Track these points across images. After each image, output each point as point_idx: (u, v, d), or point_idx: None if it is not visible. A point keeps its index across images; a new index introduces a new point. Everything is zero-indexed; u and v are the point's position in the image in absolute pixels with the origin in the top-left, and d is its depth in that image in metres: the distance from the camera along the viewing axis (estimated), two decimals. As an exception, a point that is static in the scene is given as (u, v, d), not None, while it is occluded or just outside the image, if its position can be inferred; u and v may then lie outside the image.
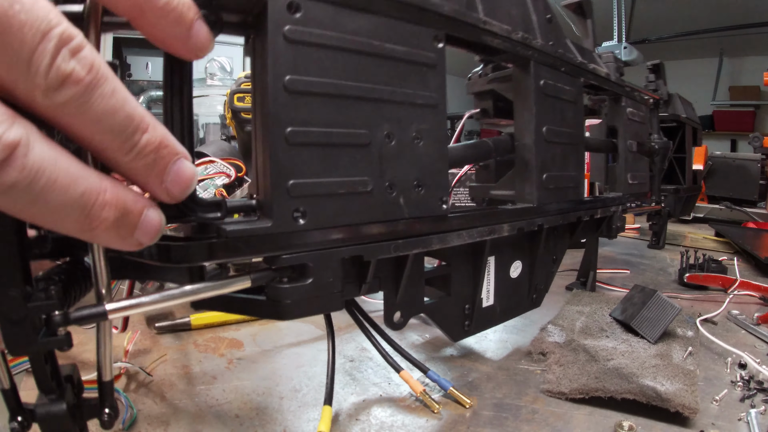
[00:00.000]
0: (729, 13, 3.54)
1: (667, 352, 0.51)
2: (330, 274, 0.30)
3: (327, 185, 0.29)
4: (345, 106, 0.30)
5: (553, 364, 0.50)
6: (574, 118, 0.54)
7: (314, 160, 0.29)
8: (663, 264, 1.03)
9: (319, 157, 0.29)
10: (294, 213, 0.28)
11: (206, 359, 0.51)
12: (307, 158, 0.28)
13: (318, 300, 0.30)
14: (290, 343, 0.56)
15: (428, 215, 0.36)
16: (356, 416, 0.42)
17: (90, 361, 0.49)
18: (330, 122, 0.30)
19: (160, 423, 0.40)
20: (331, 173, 0.30)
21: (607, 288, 0.81)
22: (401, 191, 0.34)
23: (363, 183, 0.32)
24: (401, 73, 0.33)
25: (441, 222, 0.38)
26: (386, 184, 0.33)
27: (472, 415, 0.43)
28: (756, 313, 0.67)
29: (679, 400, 0.41)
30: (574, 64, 0.53)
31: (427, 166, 0.36)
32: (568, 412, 0.43)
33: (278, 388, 0.46)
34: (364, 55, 0.31)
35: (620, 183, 0.71)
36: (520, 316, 0.56)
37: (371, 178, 0.32)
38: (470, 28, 0.39)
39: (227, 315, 0.61)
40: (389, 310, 0.38)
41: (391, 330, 0.40)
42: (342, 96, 0.30)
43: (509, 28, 0.43)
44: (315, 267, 0.30)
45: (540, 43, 0.47)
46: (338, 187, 0.30)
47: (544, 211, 0.50)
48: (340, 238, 0.31)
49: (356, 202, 0.31)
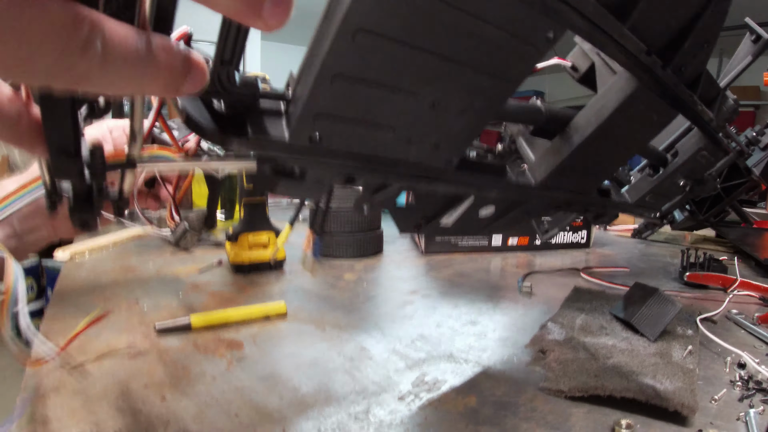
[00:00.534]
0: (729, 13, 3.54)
1: (666, 350, 0.51)
2: (324, 177, 0.34)
3: (353, 122, 0.28)
4: (409, 60, 0.27)
5: (552, 362, 0.50)
6: (640, 131, 0.50)
7: (352, 98, 0.27)
8: (663, 262, 1.03)
9: (358, 98, 0.27)
10: (311, 135, 0.28)
11: (206, 360, 0.52)
12: (346, 94, 0.27)
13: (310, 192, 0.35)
14: (290, 344, 0.56)
15: (430, 165, 0.35)
16: (355, 415, 0.42)
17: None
18: (386, 71, 0.27)
19: (161, 423, 0.40)
20: (362, 113, 0.28)
21: (607, 286, 0.81)
22: (418, 146, 0.33)
23: (388, 129, 0.30)
24: (486, 51, 0.29)
25: (438, 173, 0.37)
26: (407, 138, 0.32)
27: (471, 413, 0.43)
28: (756, 313, 0.67)
29: (678, 399, 0.41)
30: (684, 100, 0.45)
31: (456, 134, 0.34)
32: (566, 410, 0.43)
33: (278, 389, 0.46)
34: (456, 13, 0.26)
35: (636, 193, 0.65)
36: (519, 315, 0.56)
37: (397, 130, 0.31)
38: (603, 35, 0.32)
39: (227, 316, 0.61)
40: (361, 201, 0.39)
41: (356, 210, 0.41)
42: (411, 47, 0.27)
43: (644, 48, 0.35)
44: (312, 174, 0.32)
45: (662, 72, 0.38)
46: (362, 127, 0.29)
47: (540, 193, 0.48)
48: (342, 160, 0.31)
49: (373, 140, 0.30)
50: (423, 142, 0.33)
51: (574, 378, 0.46)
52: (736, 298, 0.76)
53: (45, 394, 0.44)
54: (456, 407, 0.44)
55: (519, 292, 0.78)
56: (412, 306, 0.71)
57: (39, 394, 0.43)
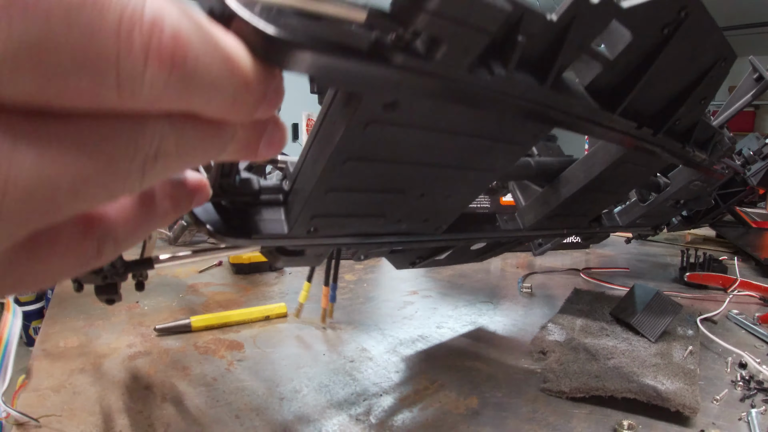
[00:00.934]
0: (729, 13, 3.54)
1: (667, 351, 0.51)
2: (322, 252, 0.36)
3: (346, 216, 0.31)
4: (396, 171, 0.28)
5: (553, 363, 0.50)
6: (630, 180, 0.50)
7: (345, 202, 0.29)
8: (663, 263, 1.03)
9: (350, 201, 0.30)
10: (309, 229, 0.30)
11: (206, 361, 0.51)
12: (339, 200, 0.29)
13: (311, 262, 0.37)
14: (290, 345, 0.56)
15: (421, 232, 0.37)
16: (357, 417, 0.42)
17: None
18: (375, 181, 0.28)
19: (161, 425, 0.40)
20: (355, 210, 0.31)
21: (608, 286, 0.81)
22: (408, 222, 0.34)
23: (379, 216, 0.32)
24: (474, 151, 0.29)
25: (428, 236, 0.38)
26: (397, 219, 0.33)
27: (472, 415, 0.43)
28: (756, 312, 0.67)
29: (680, 399, 0.41)
30: (675, 152, 0.41)
31: (445, 211, 0.35)
32: (568, 411, 0.43)
33: (278, 390, 0.46)
34: (443, 135, 0.26)
35: (627, 217, 0.64)
36: (519, 316, 0.56)
37: (387, 216, 0.32)
38: (592, 126, 0.30)
39: (227, 317, 0.61)
40: (358, 253, 0.41)
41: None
42: (398, 163, 0.28)
43: (634, 125, 0.33)
44: (311, 251, 0.34)
45: (652, 138, 0.36)
46: (355, 218, 0.31)
47: (529, 235, 0.50)
48: (338, 240, 0.33)
49: (365, 224, 0.33)
50: (413, 219, 0.34)
51: (575, 379, 0.46)
52: (736, 298, 0.76)
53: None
54: (457, 408, 0.44)
55: (519, 293, 0.78)
56: (412, 306, 0.70)
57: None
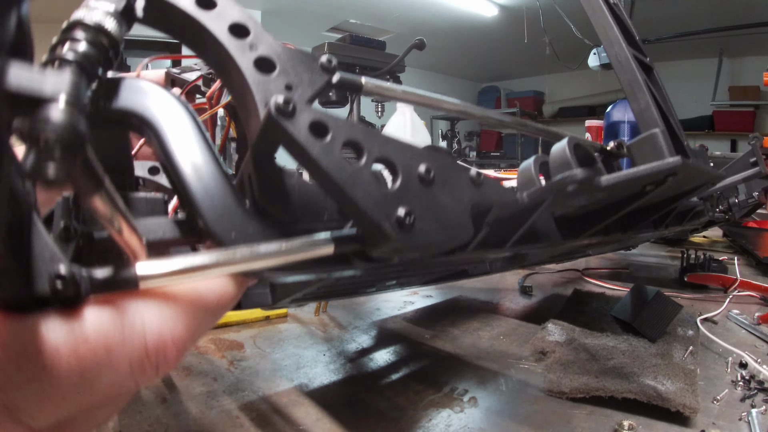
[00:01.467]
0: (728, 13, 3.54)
1: (667, 351, 0.51)
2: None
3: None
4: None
5: (553, 363, 0.50)
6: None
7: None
8: (663, 263, 1.03)
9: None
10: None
11: (207, 361, 0.51)
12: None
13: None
14: (290, 345, 0.56)
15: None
16: (358, 417, 0.42)
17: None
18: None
19: (161, 425, 0.40)
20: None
21: (608, 287, 0.81)
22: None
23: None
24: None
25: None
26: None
27: (471, 415, 0.43)
28: (756, 312, 0.67)
29: (680, 399, 0.41)
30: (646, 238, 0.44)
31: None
32: (568, 411, 0.43)
33: (279, 390, 0.46)
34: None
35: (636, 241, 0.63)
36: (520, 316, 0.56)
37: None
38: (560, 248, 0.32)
39: (227, 317, 0.61)
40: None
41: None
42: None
43: (600, 237, 0.35)
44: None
45: (620, 235, 0.38)
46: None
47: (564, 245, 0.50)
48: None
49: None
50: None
51: (575, 379, 0.46)
52: (736, 299, 0.76)
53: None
54: (458, 409, 0.44)
55: (519, 293, 0.78)
56: (412, 306, 0.71)
57: None
